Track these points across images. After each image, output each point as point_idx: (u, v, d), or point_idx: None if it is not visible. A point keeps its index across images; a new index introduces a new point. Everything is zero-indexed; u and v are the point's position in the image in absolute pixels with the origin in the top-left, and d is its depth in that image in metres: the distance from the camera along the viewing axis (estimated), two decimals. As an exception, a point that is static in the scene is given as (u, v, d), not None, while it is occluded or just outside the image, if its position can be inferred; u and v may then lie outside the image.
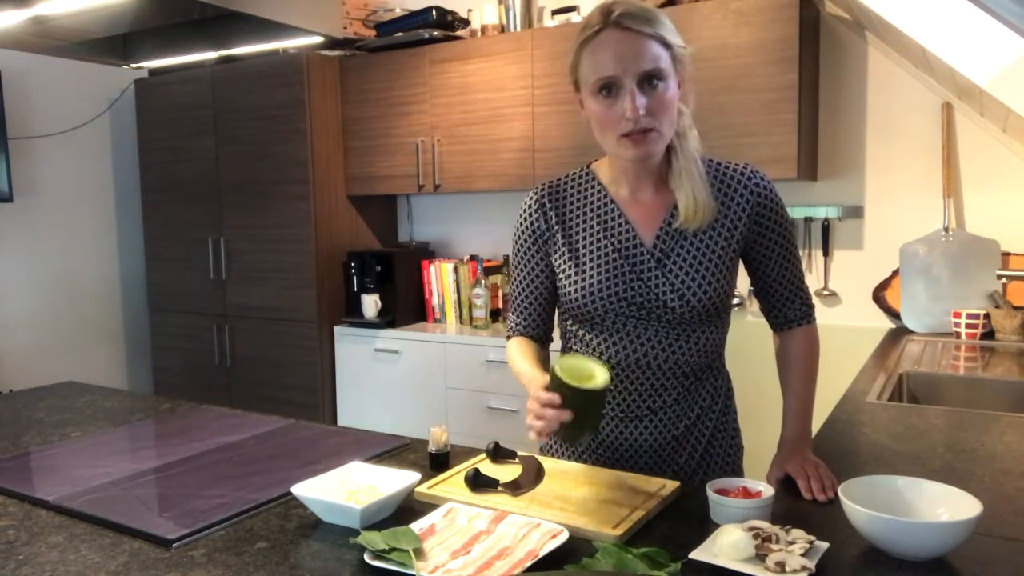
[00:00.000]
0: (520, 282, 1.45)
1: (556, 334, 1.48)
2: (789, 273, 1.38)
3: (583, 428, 1.15)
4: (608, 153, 1.33)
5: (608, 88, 1.22)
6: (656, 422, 1.38)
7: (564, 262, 1.38)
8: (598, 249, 1.35)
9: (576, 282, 1.36)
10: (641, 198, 1.35)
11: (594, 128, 1.28)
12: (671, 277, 1.31)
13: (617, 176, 1.36)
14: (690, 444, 1.40)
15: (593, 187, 1.39)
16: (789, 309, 1.41)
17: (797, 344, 1.41)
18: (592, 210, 1.37)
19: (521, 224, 1.43)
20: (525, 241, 1.42)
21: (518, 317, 1.46)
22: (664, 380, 1.36)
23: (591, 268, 1.34)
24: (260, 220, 3.73)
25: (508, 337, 1.49)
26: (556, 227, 1.38)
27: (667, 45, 1.22)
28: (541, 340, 1.46)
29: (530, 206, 1.41)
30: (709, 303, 1.32)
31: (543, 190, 1.41)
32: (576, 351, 1.41)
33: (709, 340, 1.36)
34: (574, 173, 1.42)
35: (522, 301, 1.45)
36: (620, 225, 1.34)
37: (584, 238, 1.36)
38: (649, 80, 1.21)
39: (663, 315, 1.32)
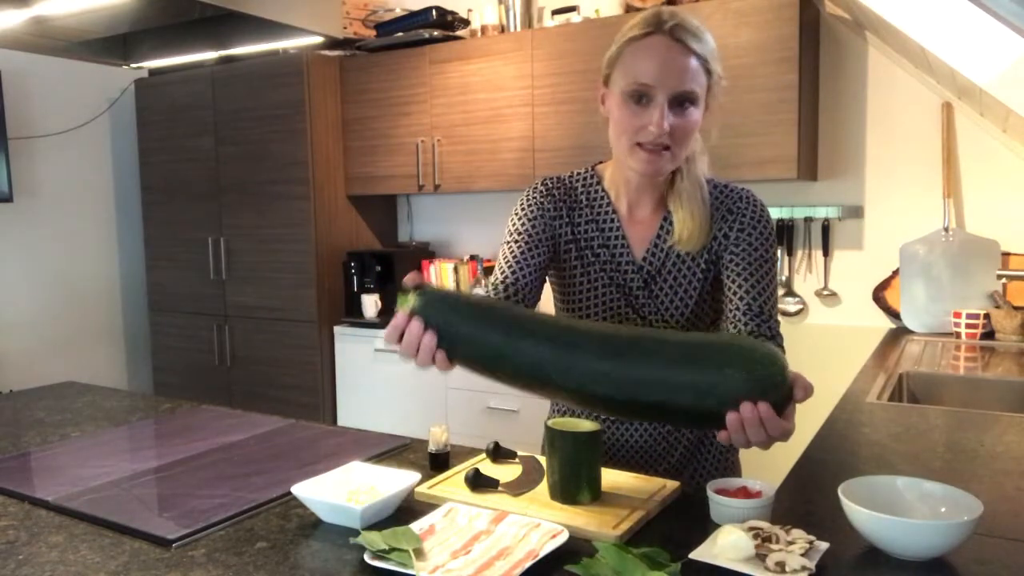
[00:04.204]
0: (516, 249, 1.32)
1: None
2: (750, 296, 1.24)
3: (580, 480, 1.16)
4: (617, 157, 1.30)
5: (640, 96, 1.19)
6: (646, 424, 1.39)
7: (559, 262, 1.38)
8: (593, 255, 1.34)
9: (566, 290, 1.38)
10: (638, 215, 1.34)
11: (611, 129, 1.25)
12: (656, 297, 1.32)
13: (618, 187, 1.34)
14: (682, 443, 1.40)
15: (598, 193, 1.36)
16: (751, 323, 1.23)
17: None
18: (594, 218, 1.35)
19: (531, 201, 1.36)
20: (535, 214, 1.34)
21: (501, 283, 1.31)
22: None
23: (581, 276, 1.35)
24: (260, 220, 3.73)
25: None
26: (566, 224, 1.36)
27: (708, 71, 1.20)
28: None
29: (542, 193, 1.36)
30: (692, 320, 1.32)
31: (554, 184, 1.37)
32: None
33: None
34: (579, 174, 1.39)
35: (514, 268, 1.31)
36: (616, 239, 1.33)
37: (584, 244, 1.35)
38: (681, 101, 1.18)
39: None
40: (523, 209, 1.36)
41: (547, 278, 1.41)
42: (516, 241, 1.33)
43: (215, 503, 1.22)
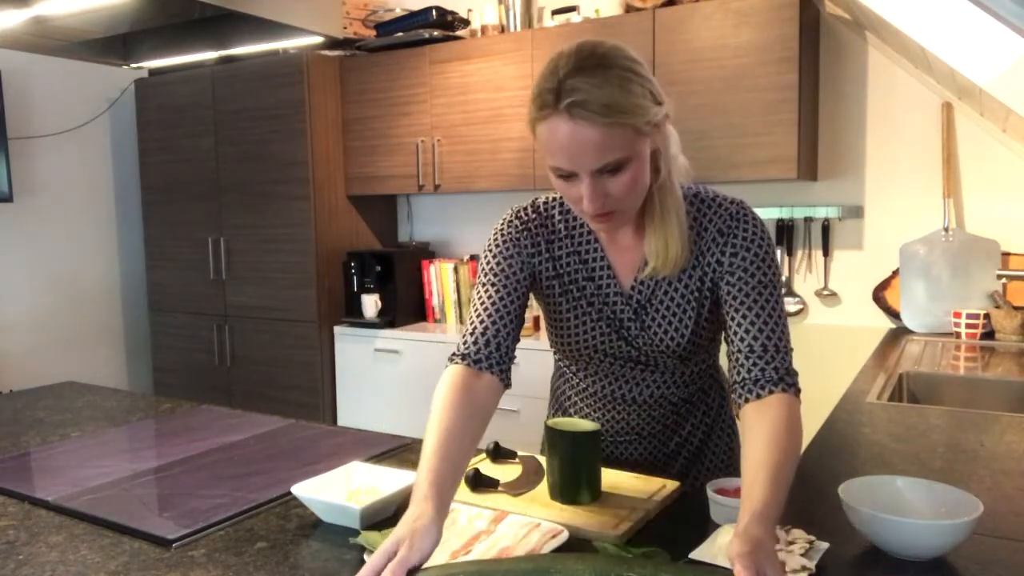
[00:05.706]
0: (494, 292, 1.21)
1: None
2: (750, 336, 1.12)
3: (579, 480, 1.16)
4: None
5: (564, 175, 1.09)
6: (645, 444, 1.39)
7: (543, 298, 1.30)
8: (578, 290, 1.26)
9: (554, 324, 1.31)
10: (621, 241, 1.24)
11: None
12: (649, 328, 1.25)
13: None
14: (682, 456, 1.41)
15: (577, 221, 1.26)
16: (755, 368, 1.10)
17: (768, 411, 1.06)
18: (576, 249, 1.26)
19: (506, 237, 1.26)
20: (511, 252, 1.24)
21: (482, 335, 1.17)
22: (652, 412, 1.35)
23: (568, 312, 1.28)
24: (260, 220, 3.73)
25: (451, 359, 1.17)
26: (547, 259, 1.27)
27: (631, 124, 1.04)
28: (497, 377, 1.16)
29: (517, 228, 1.26)
30: (689, 348, 1.26)
31: (529, 217, 1.27)
32: (565, 394, 1.43)
33: (695, 371, 1.34)
34: (555, 200, 1.28)
35: (492, 314, 1.19)
36: (601, 269, 1.25)
37: (568, 279, 1.27)
38: (607, 170, 1.06)
39: (643, 359, 1.29)
40: (497, 246, 1.25)
41: (538, 307, 1.35)
42: (492, 284, 1.22)
43: (215, 503, 1.22)
